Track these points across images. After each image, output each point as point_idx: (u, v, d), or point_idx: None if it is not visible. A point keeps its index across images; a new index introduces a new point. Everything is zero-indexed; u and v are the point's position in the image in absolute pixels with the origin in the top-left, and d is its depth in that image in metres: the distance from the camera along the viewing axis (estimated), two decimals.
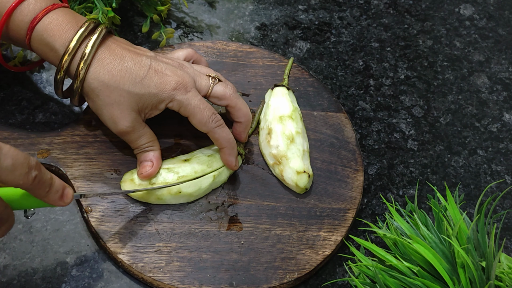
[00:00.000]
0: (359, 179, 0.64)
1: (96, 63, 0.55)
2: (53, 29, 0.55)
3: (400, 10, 0.84)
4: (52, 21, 0.55)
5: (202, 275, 0.55)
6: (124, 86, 0.55)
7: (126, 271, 0.55)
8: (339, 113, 0.68)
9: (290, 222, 0.60)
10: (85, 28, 0.56)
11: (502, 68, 0.79)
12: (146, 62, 0.57)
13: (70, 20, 0.56)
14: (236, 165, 0.61)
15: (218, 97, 0.60)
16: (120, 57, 0.56)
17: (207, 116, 0.58)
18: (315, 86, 0.71)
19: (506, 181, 0.68)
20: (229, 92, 0.60)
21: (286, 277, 0.56)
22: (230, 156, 0.60)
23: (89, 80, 0.56)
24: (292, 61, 0.71)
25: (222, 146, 0.59)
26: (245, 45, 0.73)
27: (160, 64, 0.57)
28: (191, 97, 0.57)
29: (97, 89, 0.56)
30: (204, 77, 0.60)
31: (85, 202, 0.57)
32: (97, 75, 0.55)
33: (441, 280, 0.49)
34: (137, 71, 0.56)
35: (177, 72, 0.57)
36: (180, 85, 0.57)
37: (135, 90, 0.56)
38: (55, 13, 0.56)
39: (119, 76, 0.55)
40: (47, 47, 0.56)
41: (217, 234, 0.58)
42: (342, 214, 0.61)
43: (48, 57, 0.57)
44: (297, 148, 0.62)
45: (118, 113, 0.56)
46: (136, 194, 0.58)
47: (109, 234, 0.56)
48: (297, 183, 0.61)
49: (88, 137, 0.61)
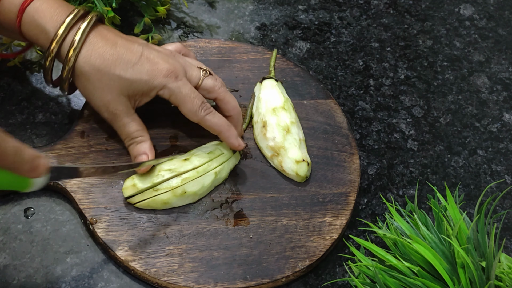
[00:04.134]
0: (355, 162, 0.65)
1: (87, 46, 0.55)
2: (44, 11, 0.55)
3: (400, 10, 0.84)
4: (43, 3, 0.55)
5: (216, 273, 0.55)
6: (115, 71, 0.55)
7: (139, 278, 0.55)
8: (328, 99, 0.70)
9: (295, 211, 0.60)
10: (74, 15, 0.55)
11: (502, 68, 0.79)
12: (138, 49, 0.57)
13: (61, 4, 0.56)
14: (240, 144, 0.60)
15: (207, 90, 0.60)
16: (112, 42, 0.56)
17: (197, 105, 0.58)
18: (301, 76, 0.71)
19: (506, 181, 0.68)
20: (218, 85, 0.61)
21: (298, 265, 0.57)
22: (230, 139, 0.60)
23: (80, 63, 0.55)
24: (276, 53, 0.72)
25: (216, 131, 0.60)
26: (227, 41, 0.74)
27: (152, 52, 0.58)
28: (182, 85, 0.57)
29: (88, 73, 0.55)
30: (195, 68, 0.60)
31: (88, 214, 0.57)
32: (88, 59, 0.55)
33: (441, 280, 0.49)
34: (129, 57, 0.56)
35: (169, 60, 0.58)
36: (172, 73, 0.57)
37: (126, 76, 0.56)
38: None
39: (111, 61, 0.55)
40: (38, 29, 0.55)
41: (225, 231, 0.58)
42: (344, 198, 0.62)
43: (38, 40, 0.56)
44: (294, 138, 0.63)
45: (109, 97, 0.57)
46: (143, 203, 0.58)
47: (117, 243, 0.56)
48: (297, 172, 0.61)
49: (82, 148, 0.61)
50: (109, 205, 0.58)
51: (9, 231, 0.57)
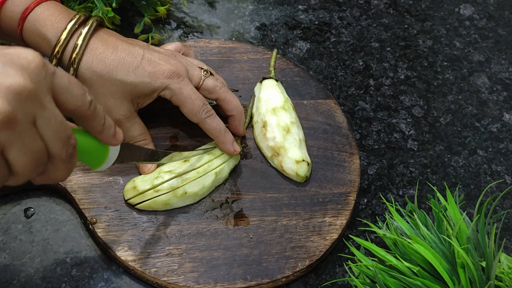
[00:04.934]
0: (355, 162, 0.65)
1: (88, 53, 0.55)
2: (45, 19, 0.55)
3: (400, 10, 0.84)
4: (44, 11, 0.55)
5: (216, 273, 0.55)
6: (118, 76, 0.56)
7: (139, 278, 0.55)
8: (328, 99, 0.70)
9: (295, 211, 0.60)
10: (76, 21, 0.56)
11: (502, 68, 0.79)
12: (139, 52, 0.57)
13: (62, 11, 0.56)
14: (235, 150, 0.61)
15: (208, 90, 0.60)
16: (113, 47, 0.56)
17: (198, 106, 0.58)
18: (301, 76, 0.71)
19: (506, 181, 0.68)
20: (219, 85, 0.61)
21: (298, 265, 0.57)
22: (226, 144, 0.60)
23: (82, 70, 0.55)
24: (276, 53, 0.72)
25: (213, 135, 0.60)
26: (227, 41, 0.74)
27: (153, 53, 0.58)
28: (184, 86, 0.57)
29: (91, 80, 0.56)
30: (197, 68, 0.60)
31: (89, 214, 0.57)
32: (89, 65, 0.55)
33: (441, 280, 0.49)
34: (131, 61, 0.56)
35: (170, 61, 0.58)
36: (173, 73, 0.57)
37: (129, 80, 0.56)
38: (47, 5, 0.56)
39: (113, 66, 0.55)
40: (40, 37, 0.56)
41: (225, 231, 0.58)
42: (343, 198, 0.62)
43: (40, 48, 0.57)
44: (294, 138, 0.63)
45: (112, 103, 0.57)
46: (144, 205, 0.58)
47: (117, 243, 0.56)
48: (297, 172, 0.61)
49: None
50: (109, 205, 0.58)
51: (9, 231, 0.57)
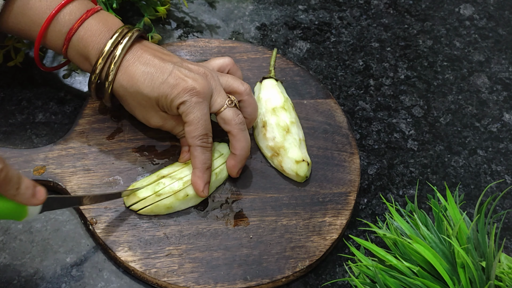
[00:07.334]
0: (355, 162, 0.65)
1: (120, 70, 0.57)
2: (87, 40, 0.57)
3: (400, 10, 0.84)
4: (86, 32, 0.57)
5: (216, 273, 0.55)
6: (143, 91, 0.57)
7: (139, 278, 0.55)
8: (328, 99, 0.69)
9: (295, 211, 0.60)
10: (119, 34, 0.58)
11: (502, 68, 0.79)
12: (168, 68, 0.57)
13: (103, 29, 0.58)
14: (203, 191, 0.58)
15: (224, 120, 0.58)
16: (144, 63, 0.57)
17: (198, 132, 0.57)
18: (301, 75, 0.71)
19: (506, 181, 0.68)
20: (236, 120, 0.58)
21: (298, 265, 0.57)
22: (199, 179, 0.58)
23: (115, 87, 0.58)
24: (276, 52, 0.72)
25: (195, 165, 0.58)
26: (227, 41, 0.73)
27: (182, 70, 0.57)
28: (198, 107, 0.56)
29: (123, 95, 0.59)
30: (223, 95, 0.58)
31: (89, 214, 0.57)
32: (120, 82, 0.58)
33: (441, 280, 0.49)
34: (157, 77, 0.57)
35: (198, 79, 0.57)
36: (194, 92, 0.56)
37: (153, 95, 0.57)
38: (89, 22, 0.58)
39: (140, 82, 0.57)
40: (82, 57, 0.59)
41: (225, 231, 0.58)
42: (344, 198, 0.62)
43: (82, 66, 0.60)
44: (293, 138, 0.63)
45: (145, 113, 0.59)
46: (146, 210, 0.57)
47: (117, 244, 0.56)
48: (297, 172, 0.61)
49: (82, 148, 0.61)
50: (109, 206, 0.58)
51: (9, 231, 0.57)
